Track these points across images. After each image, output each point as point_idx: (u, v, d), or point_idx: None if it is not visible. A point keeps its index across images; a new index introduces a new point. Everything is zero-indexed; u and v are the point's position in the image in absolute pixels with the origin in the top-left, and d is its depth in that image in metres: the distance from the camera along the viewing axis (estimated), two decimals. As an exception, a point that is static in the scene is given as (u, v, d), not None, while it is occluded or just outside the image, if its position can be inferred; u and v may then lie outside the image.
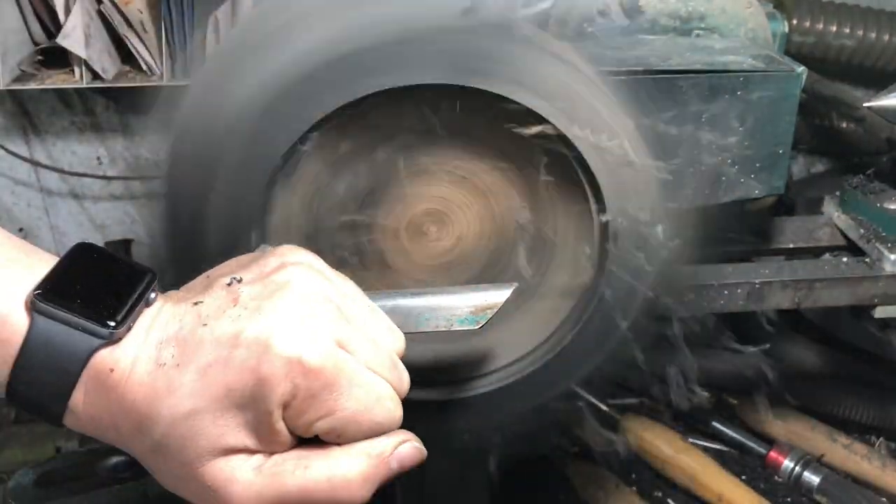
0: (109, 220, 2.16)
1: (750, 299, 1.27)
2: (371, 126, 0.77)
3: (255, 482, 0.57)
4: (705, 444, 1.75)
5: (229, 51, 0.86)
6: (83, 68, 1.67)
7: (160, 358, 0.58)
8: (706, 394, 1.94)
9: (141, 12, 1.63)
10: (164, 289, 0.63)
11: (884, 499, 1.60)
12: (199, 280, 0.63)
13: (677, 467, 1.63)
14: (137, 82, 1.74)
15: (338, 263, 0.72)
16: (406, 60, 0.72)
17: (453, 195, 0.81)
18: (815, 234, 1.43)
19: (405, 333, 0.73)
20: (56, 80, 1.75)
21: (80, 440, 1.55)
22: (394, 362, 0.63)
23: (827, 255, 1.39)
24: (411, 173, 0.80)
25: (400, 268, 0.83)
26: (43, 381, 0.58)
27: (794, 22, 1.92)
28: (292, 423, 0.58)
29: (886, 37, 1.92)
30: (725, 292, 1.27)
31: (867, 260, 1.30)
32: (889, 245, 1.29)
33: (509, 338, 0.86)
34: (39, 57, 1.74)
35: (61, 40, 1.60)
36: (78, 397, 0.59)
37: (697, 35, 1.29)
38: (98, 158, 2.09)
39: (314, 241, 0.80)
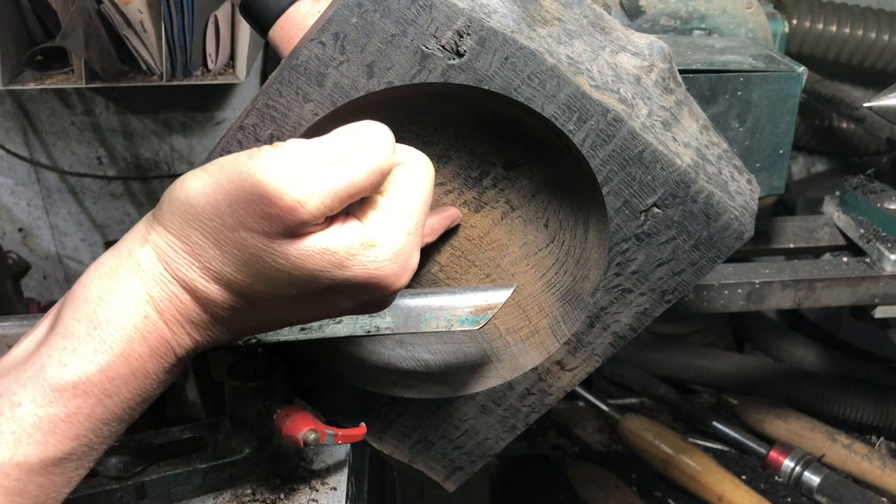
0: (109, 220, 2.16)
1: (750, 299, 1.27)
2: None
3: None
4: (705, 444, 1.76)
5: None
6: (83, 68, 1.67)
7: None
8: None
9: (141, 12, 1.63)
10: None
11: (884, 499, 1.60)
12: None
13: (677, 467, 1.63)
14: (137, 82, 1.74)
15: None
16: None
17: None
18: (815, 234, 1.44)
19: (406, 334, 0.74)
20: (56, 80, 1.75)
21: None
22: None
23: (827, 255, 1.39)
24: None
25: None
26: None
27: (794, 22, 1.92)
28: None
29: (886, 37, 1.92)
30: (725, 292, 1.27)
31: (867, 260, 1.30)
32: (889, 245, 1.29)
33: None
34: (39, 57, 1.74)
35: (61, 40, 1.60)
36: None
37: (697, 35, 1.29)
38: (98, 158, 2.09)
39: None
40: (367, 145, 0.56)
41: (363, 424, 0.79)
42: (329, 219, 0.56)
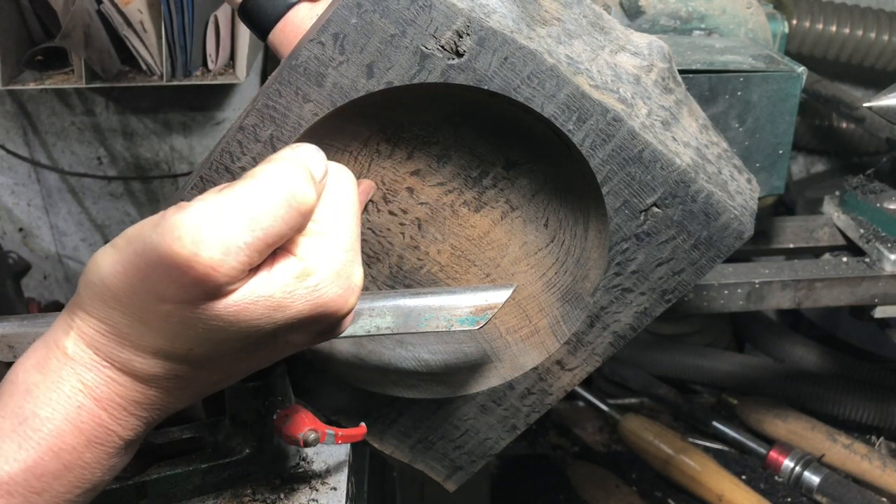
0: (109, 220, 2.16)
1: (750, 299, 1.27)
2: None
3: None
4: (705, 444, 1.76)
5: None
6: (83, 68, 1.67)
7: None
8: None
9: (141, 12, 1.63)
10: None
11: (884, 499, 1.60)
12: None
13: (677, 467, 1.63)
14: (137, 82, 1.74)
15: None
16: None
17: None
18: (815, 234, 1.44)
19: (406, 333, 0.73)
20: (56, 80, 1.75)
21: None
22: None
23: (827, 255, 1.39)
24: None
25: None
26: None
27: (794, 22, 1.92)
28: None
29: (886, 37, 1.92)
30: (725, 292, 1.27)
31: (867, 260, 1.31)
32: (889, 245, 1.29)
33: None
34: (39, 57, 1.75)
35: (61, 40, 1.60)
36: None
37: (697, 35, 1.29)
38: (98, 158, 2.09)
39: None
40: (280, 186, 0.51)
41: (363, 424, 0.79)
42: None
